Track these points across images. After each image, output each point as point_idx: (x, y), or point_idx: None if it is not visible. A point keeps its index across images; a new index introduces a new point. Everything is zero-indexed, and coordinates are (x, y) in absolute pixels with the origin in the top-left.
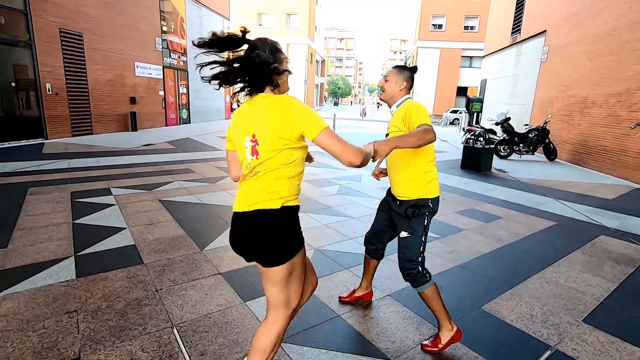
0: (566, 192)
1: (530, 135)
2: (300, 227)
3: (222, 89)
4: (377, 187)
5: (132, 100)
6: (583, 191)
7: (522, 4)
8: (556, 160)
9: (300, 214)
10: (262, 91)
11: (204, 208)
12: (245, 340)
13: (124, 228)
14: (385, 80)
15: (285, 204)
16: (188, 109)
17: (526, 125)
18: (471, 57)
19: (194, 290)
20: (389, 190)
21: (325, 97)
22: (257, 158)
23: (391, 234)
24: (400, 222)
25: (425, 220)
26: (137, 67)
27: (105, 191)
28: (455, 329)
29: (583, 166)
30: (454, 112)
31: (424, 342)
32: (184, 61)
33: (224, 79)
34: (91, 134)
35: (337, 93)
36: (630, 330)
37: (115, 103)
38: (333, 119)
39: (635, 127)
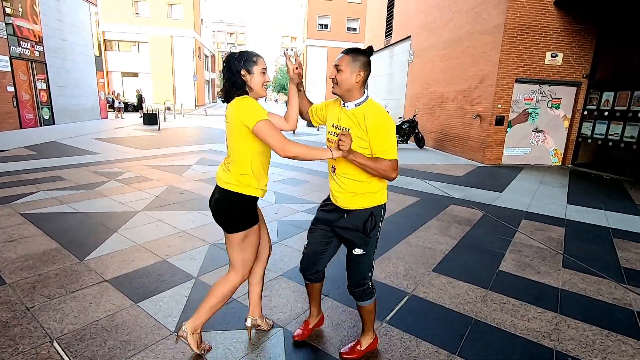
0: (429, 172)
1: (403, 127)
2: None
3: (95, 83)
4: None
5: None
6: (442, 171)
7: (392, 11)
8: (424, 147)
9: (193, 213)
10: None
11: (83, 217)
12: (139, 338)
13: None
14: (338, 70)
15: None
16: (50, 108)
17: (400, 117)
18: None
19: (75, 301)
20: (324, 204)
21: (218, 93)
22: None
23: (333, 251)
24: (354, 237)
25: (379, 231)
26: None
27: None
28: (375, 336)
29: (443, 151)
30: None
31: (343, 351)
32: (39, 51)
33: None
34: None
35: None
36: (462, 272)
37: None
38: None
39: (475, 117)
